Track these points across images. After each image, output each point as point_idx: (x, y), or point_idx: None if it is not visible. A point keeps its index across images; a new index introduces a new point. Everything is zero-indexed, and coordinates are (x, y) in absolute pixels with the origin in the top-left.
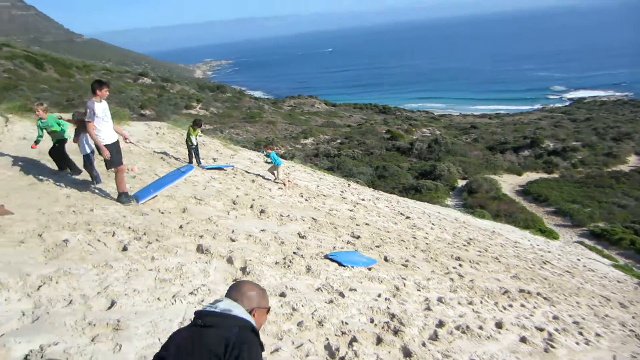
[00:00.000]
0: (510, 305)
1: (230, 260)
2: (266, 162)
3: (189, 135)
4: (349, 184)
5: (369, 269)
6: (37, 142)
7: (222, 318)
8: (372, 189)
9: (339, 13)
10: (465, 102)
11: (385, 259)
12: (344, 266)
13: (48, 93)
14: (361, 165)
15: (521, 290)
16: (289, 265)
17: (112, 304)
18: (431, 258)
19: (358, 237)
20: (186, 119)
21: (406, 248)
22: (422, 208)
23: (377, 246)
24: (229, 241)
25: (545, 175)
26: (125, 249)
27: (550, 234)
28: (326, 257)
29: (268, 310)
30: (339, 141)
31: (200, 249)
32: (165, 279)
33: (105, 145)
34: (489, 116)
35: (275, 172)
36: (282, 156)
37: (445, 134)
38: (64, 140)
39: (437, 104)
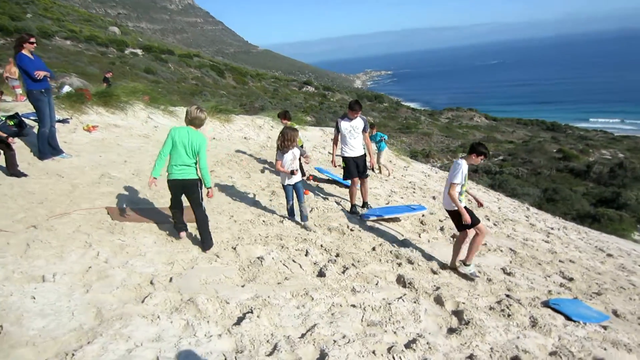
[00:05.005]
0: None
1: (439, 301)
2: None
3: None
4: (527, 208)
5: (604, 328)
6: None
7: None
8: (550, 214)
9: (513, 23)
10: None
11: (616, 314)
12: (574, 321)
13: (225, 98)
14: (526, 186)
15: None
16: (509, 315)
17: (323, 356)
18: None
19: (571, 280)
20: None
21: (630, 299)
22: (615, 243)
23: (597, 293)
24: (430, 273)
25: None
26: (322, 274)
27: None
28: (546, 305)
29: None
30: (501, 157)
31: (401, 281)
32: (374, 321)
33: (346, 157)
34: None
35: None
36: (439, 168)
37: (632, 157)
38: None
39: (617, 124)
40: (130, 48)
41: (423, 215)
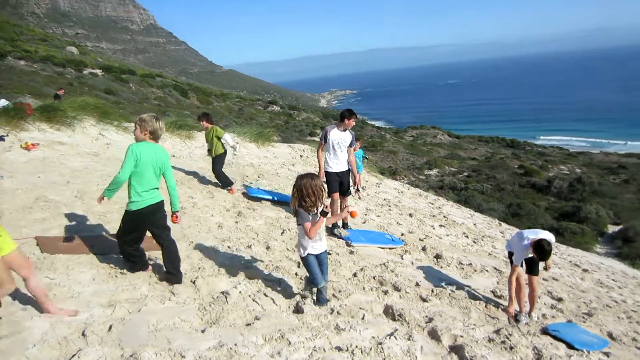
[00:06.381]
0: None
1: (434, 335)
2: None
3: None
4: (499, 223)
5: (607, 355)
6: None
7: None
8: (518, 229)
9: (472, 44)
10: (606, 137)
11: (611, 337)
12: (577, 349)
13: (189, 118)
14: (491, 201)
15: None
16: (511, 347)
17: None
18: None
19: (560, 300)
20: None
21: (619, 317)
22: (584, 257)
23: (588, 314)
24: (420, 300)
25: None
26: (299, 309)
27: None
28: (545, 331)
29: None
30: (465, 174)
31: (390, 312)
32: None
33: (328, 172)
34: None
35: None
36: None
37: (589, 172)
38: None
39: (570, 141)
40: (89, 68)
41: (403, 236)
